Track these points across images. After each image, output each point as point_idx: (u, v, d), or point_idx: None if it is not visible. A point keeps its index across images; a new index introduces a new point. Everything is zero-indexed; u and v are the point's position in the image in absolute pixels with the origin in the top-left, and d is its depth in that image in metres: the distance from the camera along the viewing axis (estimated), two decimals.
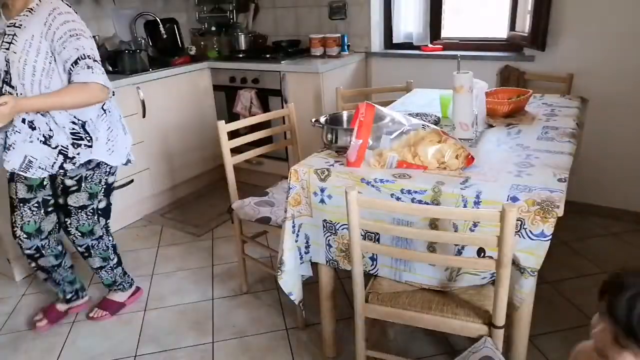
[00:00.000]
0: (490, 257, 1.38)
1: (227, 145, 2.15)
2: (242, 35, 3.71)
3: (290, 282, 1.76)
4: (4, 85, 1.78)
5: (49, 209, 2.02)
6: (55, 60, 1.77)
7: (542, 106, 2.25)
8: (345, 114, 1.98)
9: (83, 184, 1.97)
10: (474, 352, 1.32)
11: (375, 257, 1.63)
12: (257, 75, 3.33)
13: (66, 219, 2.04)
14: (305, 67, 3.15)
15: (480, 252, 1.45)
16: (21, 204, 1.95)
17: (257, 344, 2.06)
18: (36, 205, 1.97)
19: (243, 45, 3.71)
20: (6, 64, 1.75)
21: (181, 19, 3.86)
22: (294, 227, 1.71)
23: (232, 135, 2.15)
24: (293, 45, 3.61)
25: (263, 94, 3.33)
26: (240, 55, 3.60)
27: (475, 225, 1.43)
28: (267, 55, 3.40)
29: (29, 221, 1.98)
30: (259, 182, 3.38)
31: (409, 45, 3.40)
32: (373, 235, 1.60)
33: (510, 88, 2.40)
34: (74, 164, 1.88)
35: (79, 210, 2.03)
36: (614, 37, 2.63)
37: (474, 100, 1.85)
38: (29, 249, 2.02)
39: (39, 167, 1.85)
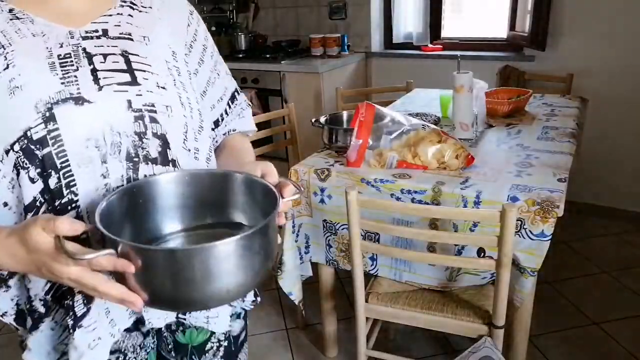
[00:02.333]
0: (490, 257, 1.38)
1: None
2: (242, 35, 3.70)
3: (290, 282, 1.76)
4: (141, 163, 0.74)
5: None
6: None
7: (542, 106, 2.25)
8: (345, 114, 1.98)
9: None
10: (473, 352, 1.32)
11: (375, 257, 1.62)
12: (257, 75, 3.32)
13: None
14: (305, 67, 3.15)
15: (480, 252, 1.45)
16: None
17: (257, 344, 2.05)
18: None
19: (243, 45, 3.71)
20: (136, 119, 0.73)
21: None
22: (294, 227, 1.71)
23: None
24: (293, 45, 3.61)
25: (263, 94, 3.33)
26: (240, 55, 3.60)
27: (475, 225, 1.43)
28: (267, 55, 3.40)
29: None
30: None
31: (409, 45, 3.39)
32: (373, 235, 1.60)
33: (510, 88, 2.40)
34: None
35: None
36: (614, 37, 2.63)
37: (474, 100, 1.85)
38: None
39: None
